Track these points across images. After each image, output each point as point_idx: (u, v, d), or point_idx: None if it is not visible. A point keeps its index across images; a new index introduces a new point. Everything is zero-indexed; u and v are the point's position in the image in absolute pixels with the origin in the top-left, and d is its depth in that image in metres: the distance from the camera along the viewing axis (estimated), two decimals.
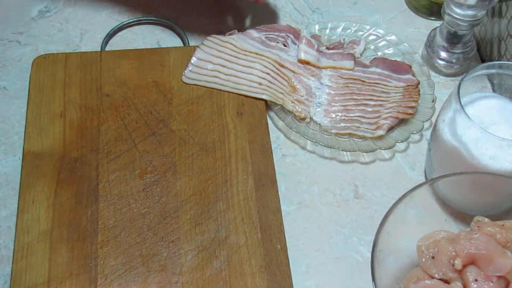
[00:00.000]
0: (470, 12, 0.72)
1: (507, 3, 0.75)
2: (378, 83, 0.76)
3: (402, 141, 0.72)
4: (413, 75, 0.77)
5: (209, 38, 0.78)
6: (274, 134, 0.73)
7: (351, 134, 0.72)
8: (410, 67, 0.77)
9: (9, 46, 0.80)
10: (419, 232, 0.58)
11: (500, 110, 0.64)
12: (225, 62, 0.76)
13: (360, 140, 0.72)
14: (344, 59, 0.78)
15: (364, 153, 0.72)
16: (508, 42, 0.75)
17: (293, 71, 0.76)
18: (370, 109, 0.74)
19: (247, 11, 0.85)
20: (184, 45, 0.81)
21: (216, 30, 0.82)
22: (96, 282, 0.60)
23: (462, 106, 0.60)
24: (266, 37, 0.79)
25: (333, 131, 0.72)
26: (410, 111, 0.73)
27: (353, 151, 0.71)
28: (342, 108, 0.74)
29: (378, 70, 0.77)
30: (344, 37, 0.81)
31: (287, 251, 0.63)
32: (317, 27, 0.82)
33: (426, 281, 0.54)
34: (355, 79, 0.77)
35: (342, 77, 0.77)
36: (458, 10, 0.72)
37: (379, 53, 0.80)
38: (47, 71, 0.74)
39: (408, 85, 0.76)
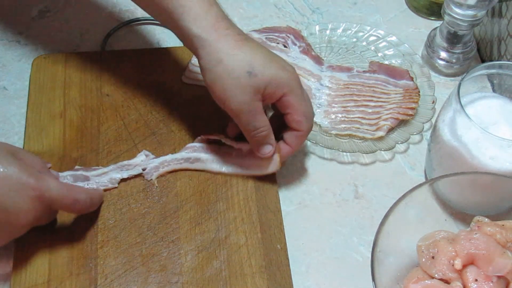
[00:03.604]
0: (470, 12, 0.72)
1: (507, 3, 0.75)
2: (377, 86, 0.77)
3: (402, 142, 0.72)
4: (411, 79, 0.76)
5: None
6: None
7: (351, 135, 0.72)
8: (407, 72, 0.77)
9: (9, 46, 0.80)
10: (419, 232, 0.58)
11: (500, 110, 0.64)
12: None
13: (360, 141, 0.72)
14: (341, 71, 0.78)
15: (364, 154, 0.72)
16: (508, 42, 0.75)
17: None
18: (370, 110, 0.74)
19: (247, 12, 0.85)
20: (184, 45, 0.81)
21: None
22: (96, 282, 0.60)
23: (462, 106, 0.60)
24: (266, 37, 0.79)
25: (333, 132, 0.72)
26: (410, 112, 0.73)
27: (353, 152, 0.71)
28: (342, 109, 0.74)
29: (375, 75, 0.77)
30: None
31: (287, 251, 0.63)
32: (317, 28, 0.82)
33: (426, 281, 0.54)
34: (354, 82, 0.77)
35: (341, 79, 0.77)
36: (458, 10, 0.72)
37: (380, 54, 0.80)
38: (47, 71, 0.74)
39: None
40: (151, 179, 0.66)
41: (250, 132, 0.63)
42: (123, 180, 0.66)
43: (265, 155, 0.65)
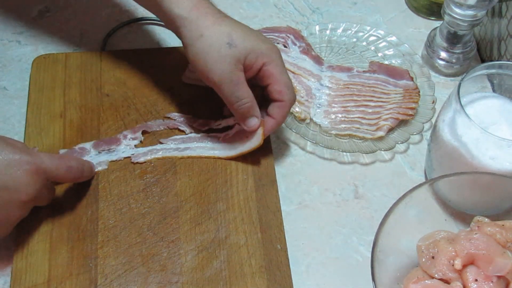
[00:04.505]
0: (470, 12, 0.72)
1: (507, 3, 0.75)
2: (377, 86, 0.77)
3: (402, 142, 0.72)
4: (411, 79, 0.76)
5: None
6: (274, 135, 0.73)
7: (351, 135, 0.72)
8: (407, 72, 0.77)
9: (9, 46, 0.80)
10: (419, 232, 0.58)
11: (500, 110, 0.64)
12: None
13: (360, 141, 0.72)
14: (341, 71, 0.78)
15: (364, 154, 0.72)
16: (508, 42, 0.75)
17: (293, 72, 0.76)
18: (370, 110, 0.74)
19: (247, 12, 0.85)
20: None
21: None
22: (96, 282, 0.60)
23: (462, 106, 0.60)
24: None
25: (333, 132, 0.72)
26: (410, 112, 0.73)
27: (353, 152, 0.71)
28: (342, 109, 0.74)
29: (375, 75, 0.77)
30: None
31: (287, 251, 0.63)
32: (317, 28, 0.82)
33: (426, 281, 0.54)
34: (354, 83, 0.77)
35: (342, 79, 0.77)
36: (458, 10, 0.72)
37: (380, 54, 0.80)
38: (47, 71, 0.74)
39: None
40: (137, 162, 0.67)
41: (234, 104, 0.64)
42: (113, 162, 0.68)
43: (251, 128, 0.66)
